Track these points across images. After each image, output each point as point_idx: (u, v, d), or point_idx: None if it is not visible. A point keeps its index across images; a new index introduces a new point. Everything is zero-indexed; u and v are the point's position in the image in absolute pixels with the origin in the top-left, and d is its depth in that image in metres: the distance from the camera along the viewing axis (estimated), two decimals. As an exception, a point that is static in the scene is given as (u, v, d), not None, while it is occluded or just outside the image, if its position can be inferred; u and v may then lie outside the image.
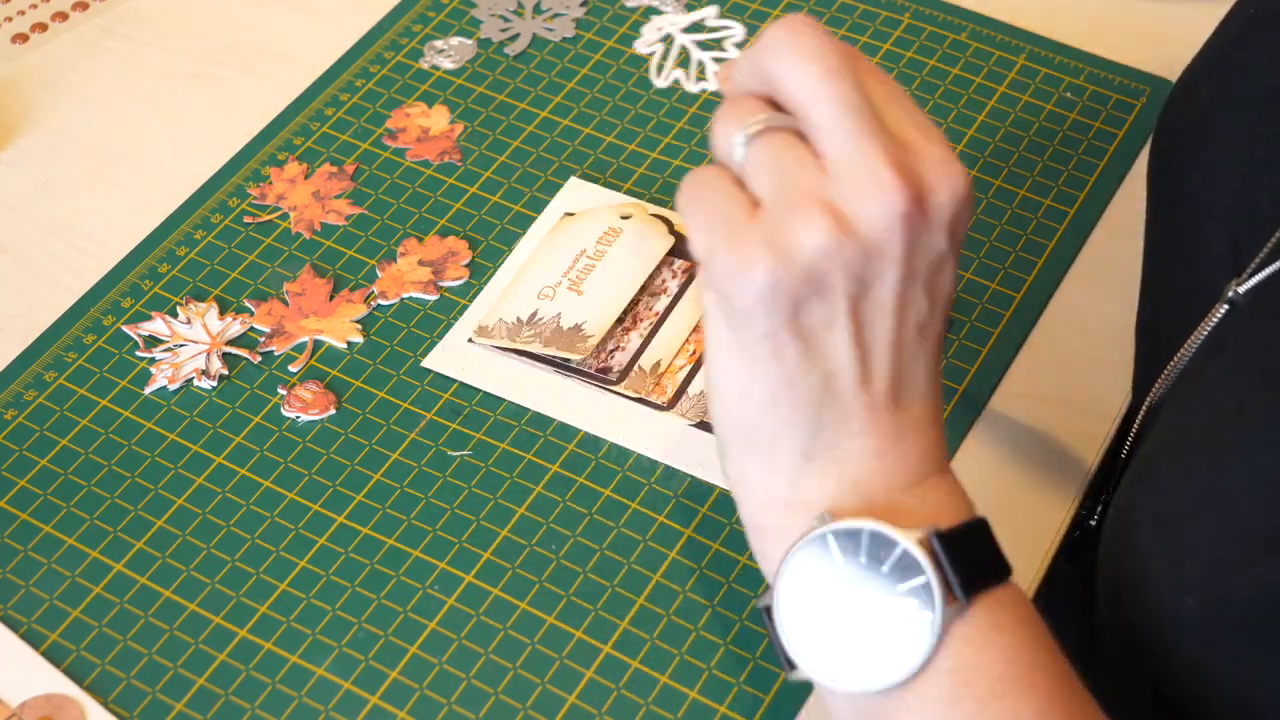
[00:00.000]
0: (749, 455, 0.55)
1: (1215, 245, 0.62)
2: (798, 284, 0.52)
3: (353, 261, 0.79)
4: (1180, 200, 0.65)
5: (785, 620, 0.53)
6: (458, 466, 0.71)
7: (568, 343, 0.73)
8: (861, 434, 0.54)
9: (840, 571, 0.53)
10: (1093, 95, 0.84)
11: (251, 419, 0.73)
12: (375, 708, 0.64)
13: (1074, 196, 0.80)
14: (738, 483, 0.56)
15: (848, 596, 0.53)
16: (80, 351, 0.75)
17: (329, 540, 0.69)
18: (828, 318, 0.53)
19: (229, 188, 0.82)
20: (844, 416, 0.54)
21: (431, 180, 0.82)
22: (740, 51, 0.55)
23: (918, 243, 0.52)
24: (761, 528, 0.56)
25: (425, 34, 0.89)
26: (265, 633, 0.66)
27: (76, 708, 0.64)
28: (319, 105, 0.85)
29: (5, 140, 0.85)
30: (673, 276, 0.76)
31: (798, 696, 0.63)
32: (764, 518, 0.56)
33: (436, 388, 0.74)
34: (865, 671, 0.52)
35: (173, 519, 0.69)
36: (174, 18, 0.91)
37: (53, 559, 0.68)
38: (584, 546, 0.68)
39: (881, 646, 0.52)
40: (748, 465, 0.56)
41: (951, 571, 0.52)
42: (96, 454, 0.72)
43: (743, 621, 0.65)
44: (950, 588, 0.52)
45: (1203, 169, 0.64)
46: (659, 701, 0.63)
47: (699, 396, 0.72)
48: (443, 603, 0.66)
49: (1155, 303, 0.69)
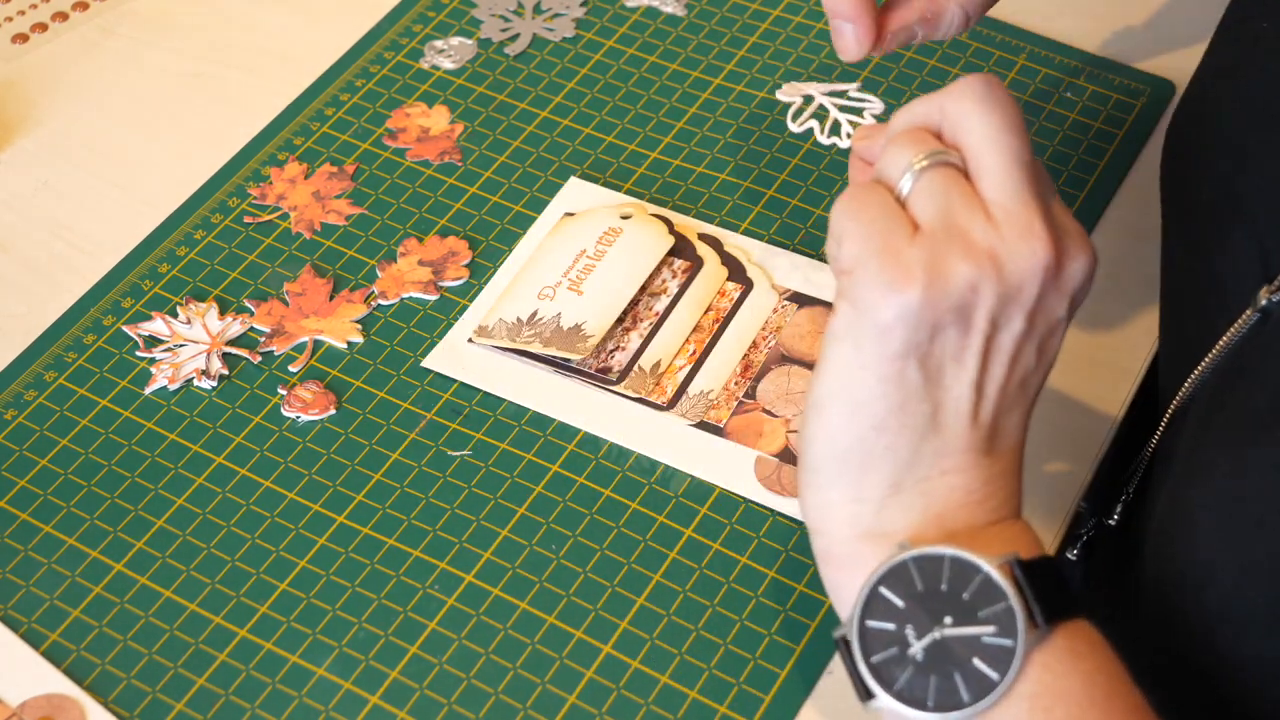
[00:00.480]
0: (836, 481, 0.56)
1: (1241, 252, 0.62)
2: (944, 311, 0.54)
3: (353, 261, 0.79)
4: (1199, 209, 0.65)
5: (863, 650, 0.54)
6: (458, 466, 0.71)
7: (568, 343, 0.73)
8: (954, 471, 0.56)
9: (921, 599, 0.54)
10: (1093, 95, 0.84)
11: (251, 419, 0.73)
12: (375, 708, 0.64)
13: (1074, 196, 0.80)
14: (818, 510, 0.57)
15: (928, 624, 0.54)
16: (80, 351, 0.75)
17: (329, 540, 0.69)
18: (958, 351, 0.55)
19: (229, 188, 0.82)
20: (942, 452, 0.56)
21: (431, 180, 0.82)
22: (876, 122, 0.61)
23: (1046, 300, 0.56)
24: (839, 558, 0.57)
25: (425, 34, 0.89)
26: (265, 633, 0.66)
27: (76, 708, 0.64)
28: (319, 105, 0.85)
29: (5, 140, 0.85)
30: (673, 276, 0.76)
31: (798, 696, 0.63)
32: (842, 548, 0.57)
33: (436, 388, 0.74)
34: (945, 700, 0.53)
35: (173, 519, 0.69)
36: (174, 18, 0.91)
37: (53, 559, 0.68)
38: (584, 546, 0.68)
39: (962, 674, 0.53)
40: (832, 492, 0.57)
41: (1033, 598, 0.53)
42: (96, 454, 0.72)
43: (743, 621, 0.65)
44: (1032, 614, 0.53)
45: (1220, 179, 0.64)
46: (659, 701, 0.63)
47: (699, 396, 0.72)
48: (443, 603, 0.66)
49: (1177, 309, 0.69)
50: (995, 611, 0.53)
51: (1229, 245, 0.63)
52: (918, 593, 0.54)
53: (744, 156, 0.82)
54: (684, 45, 0.88)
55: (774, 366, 0.73)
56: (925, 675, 0.54)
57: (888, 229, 0.55)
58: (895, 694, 0.54)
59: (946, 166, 0.56)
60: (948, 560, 0.54)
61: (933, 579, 0.54)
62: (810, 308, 0.75)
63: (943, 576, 0.54)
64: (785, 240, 0.78)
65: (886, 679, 0.54)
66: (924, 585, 0.54)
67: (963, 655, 0.53)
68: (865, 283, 0.55)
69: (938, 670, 0.53)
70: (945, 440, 0.56)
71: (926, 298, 0.54)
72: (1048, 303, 0.56)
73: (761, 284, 0.76)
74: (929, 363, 0.55)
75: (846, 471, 0.56)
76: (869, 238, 0.55)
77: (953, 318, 0.55)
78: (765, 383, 0.72)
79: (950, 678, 0.53)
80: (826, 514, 0.57)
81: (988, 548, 0.55)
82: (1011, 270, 0.55)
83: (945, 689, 0.53)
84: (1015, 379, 0.57)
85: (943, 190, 0.56)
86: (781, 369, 0.73)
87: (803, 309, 0.75)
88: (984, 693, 0.53)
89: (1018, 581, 0.54)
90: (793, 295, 0.75)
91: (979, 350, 0.56)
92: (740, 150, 0.83)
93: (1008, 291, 0.55)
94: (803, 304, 0.75)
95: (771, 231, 0.79)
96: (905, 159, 0.56)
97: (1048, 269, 0.55)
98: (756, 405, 0.72)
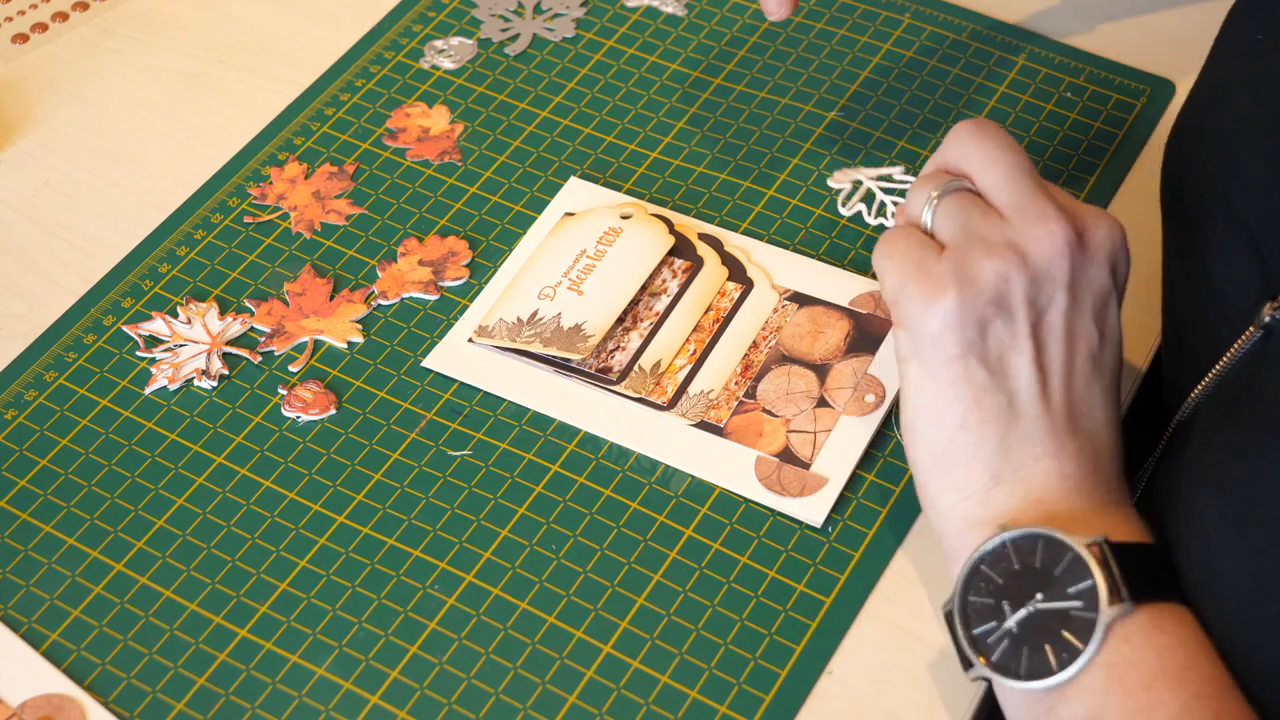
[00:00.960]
0: (943, 486, 0.62)
1: (1240, 265, 0.62)
2: (983, 305, 0.60)
3: (353, 261, 0.79)
4: (1197, 221, 0.65)
5: (964, 623, 0.59)
6: (458, 466, 0.71)
7: (568, 343, 0.73)
8: (1047, 455, 0.61)
9: (1017, 577, 0.58)
10: (1093, 95, 0.84)
11: (252, 419, 0.73)
12: (375, 708, 0.64)
13: (1074, 197, 0.80)
14: (937, 516, 0.63)
15: (1023, 599, 0.58)
16: (80, 351, 0.75)
17: (329, 540, 0.69)
18: (1010, 339, 0.61)
19: (229, 188, 0.82)
20: (1028, 437, 0.61)
21: (432, 180, 0.82)
22: None
23: (1082, 272, 0.61)
24: (956, 551, 0.62)
25: (425, 34, 0.89)
26: (265, 633, 0.66)
27: (76, 708, 0.64)
28: (319, 105, 0.85)
29: (5, 140, 0.85)
30: (673, 276, 0.76)
31: (798, 696, 0.63)
32: (958, 541, 0.62)
33: (436, 388, 0.74)
34: (1037, 669, 0.57)
35: (173, 519, 0.69)
36: (174, 18, 0.91)
37: (53, 559, 0.68)
38: (584, 546, 0.68)
39: (1052, 645, 0.57)
40: (943, 497, 0.62)
41: (1119, 575, 0.57)
42: (96, 454, 0.72)
43: (743, 621, 0.65)
44: (1116, 590, 0.57)
45: (1217, 191, 0.64)
46: (659, 701, 0.63)
47: (699, 396, 0.72)
48: (443, 603, 0.66)
49: (1179, 320, 0.69)
50: (1082, 588, 0.57)
51: (1228, 258, 0.63)
52: (1014, 571, 0.59)
53: (744, 156, 0.82)
54: (684, 45, 0.88)
55: (774, 366, 0.73)
56: (1019, 647, 0.58)
57: (918, 256, 0.62)
58: (992, 664, 0.58)
59: (958, 191, 0.63)
60: (1041, 540, 0.58)
61: (1028, 557, 0.58)
62: (810, 307, 0.75)
63: (1037, 555, 0.58)
64: (785, 240, 0.78)
65: (984, 650, 0.59)
66: (1020, 564, 0.59)
67: (1053, 628, 0.57)
68: (908, 304, 0.61)
69: (1030, 642, 0.57)
70: (1027, 426, 0.61)
71: (962, 299, 0.60)
72: (1085, 274, 0.61)
73: (762, 284, 0.76)
74: (989, 357, 0.61)
75: (949, 474, 0.61)
76: (903, 267, 0.62)
77: (994, 310, 0.60)
78: (765, 383, 0.72)
79: (1040, 649, 0.57)
80: (944, 517, 0.62)
81: (1084, 529, 0.59)
82: (1035, 253, 0.61)
83: (1036, 659, 0.57)
84: (1080, 354, 0.62)
85: (958, 208, 0.62)
86: (782, 369, 0.73)
87: (803, 309, 0.75)
88: (1069, 662, 0.56)
89: (1103, 560, 0.57)
90: (793, 295, 0.75)
91: (1029, 334, 0.61)
92: (740, 150, 0.83)
93: (1037, 274, 0.61)
94: (803, 304, 0.75)
95: (771, 231, 0.79)
96: (923, 196, 0.63)
97: (1069, 243, 0.61)
98: (757, 405, 0.72)
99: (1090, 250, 0.62)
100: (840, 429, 0.70)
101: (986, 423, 0.61)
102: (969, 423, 0.61)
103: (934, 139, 0.82)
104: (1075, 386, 0.62)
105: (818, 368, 0.73)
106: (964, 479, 0.61)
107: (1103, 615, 0.56)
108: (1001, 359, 0.61)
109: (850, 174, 0.80)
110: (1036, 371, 0.61)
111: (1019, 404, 0.61)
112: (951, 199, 0.63)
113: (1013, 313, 0.61)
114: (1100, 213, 0.63)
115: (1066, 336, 0.61)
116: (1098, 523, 0.60)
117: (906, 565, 0.67)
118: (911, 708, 0.63)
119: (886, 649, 0.65)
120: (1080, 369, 0.62)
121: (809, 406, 0.71)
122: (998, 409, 0.61)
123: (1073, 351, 0.62)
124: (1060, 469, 0.61)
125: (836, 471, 0.69)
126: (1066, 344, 0.61)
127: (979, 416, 0.61)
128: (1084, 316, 0.62)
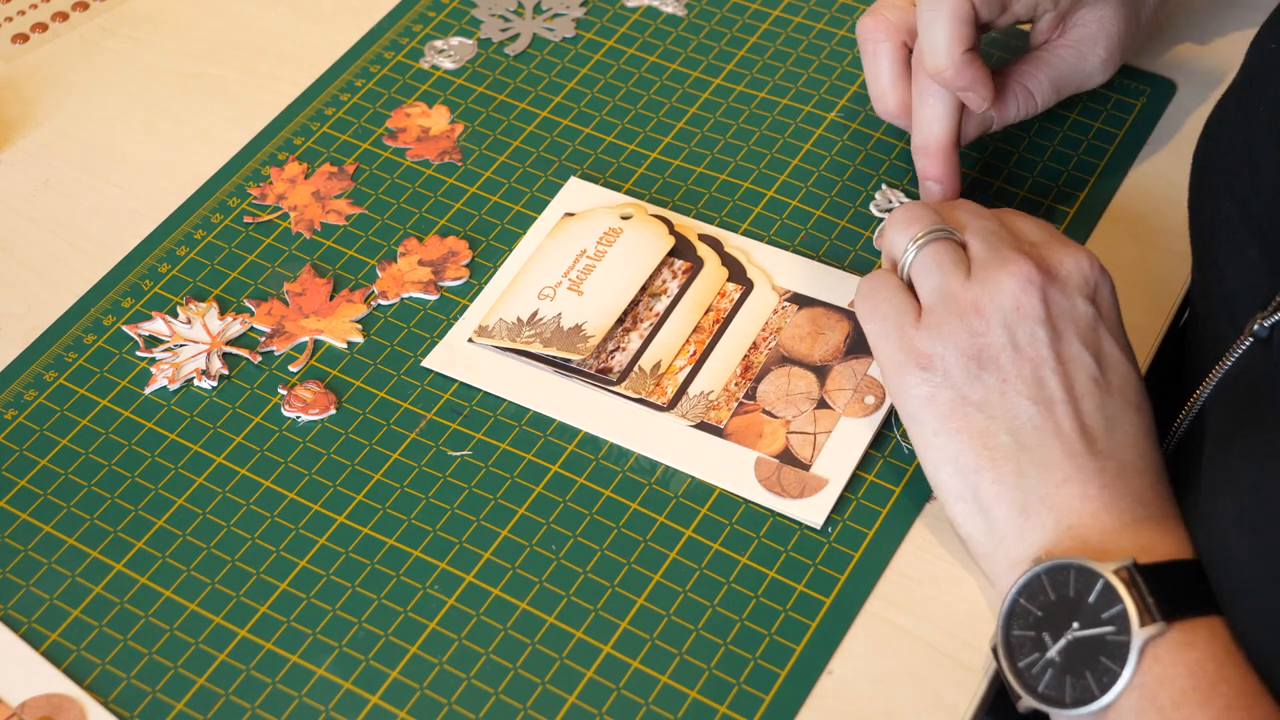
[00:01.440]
0: (981, 531, 0.63)
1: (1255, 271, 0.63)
2: (966, 364, 0.63)
3: (353, 261, 0.79)
4: (1217, 226, 0.66)
5: (1009, 657, 0.60)
6: (458, 467, 0.71)
7: (568, 343, 0.73)
8: (1068, 481, 0.61)
9: (1054, 607, 0.59)
10: (1093, 95, 0.84)
11: (252, 419, 0.73)
12: (375, 708, 0.64)
13: (1074, 197, 0.80)
14: (986, 563, 0.64)
15: (1062, 628, 0.59)
16: (80, 351, 0.75)
17: (329, 540, 0.69)
18: (1001, 384, 0.63)
19: (229, 188, 0.82)
20: (1045, 466, 0.62)
21: (431, 180, 0.82)
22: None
23: (1056, 305, 0.64)
24: (1002, 590, 0.62)
25: (425, 34, 0.89)
26: (265, 633, 0.66)
27: (76, 708, 0.64)
28: (319, 105, 0.85)
29: (5, 140, 0.85)
30: (673, 277, 0.76)
31: (798, 697, 0.63)
32: (1004, 582, 0.62)
33: (436, 388, 0.74)
34: (1081, 696, 0.58)
35: (173, 519, 0.69)
36: (174, 18, 0.91)
37: (53, 559, 0.68)
38: (584, 547, 0.68)
39: (1093, 671, 0.58)
40: (986, 544, 0.63)
41: (1148, 598, 0.58)
42: (96, 454, 0.72)
43: (743, 621, 0.65)
44: (1147, 612, 0.58)
45: (1236, 197, 0.65)
46: (659, 701, 0.63)
47: (699, 397, 0.72)
48: (443, 603, 0.66)
49: (1195, 319, 0.70)
50: (1113, 613, 0.58)
51: (1241, 261, 0.63)
52: (1051, 602, 0.60)
53: (744, 157, 0.82)
54: (684, 45, 0.88)
55: (774, 367, 0.73)
56: (1062, 676, 0.59)
57: (897, 322, 0.65)
58: (1039, 696, 0.59)
59: (936, 242, 0.66)
60: (1073, 570, 0.59)
61: (1062, 587, 0.59)
62: (810, 309, 0.75)
63: (1070, 585, 0.59)
64: (785, 241, 0.78)
65: (1030, 683, 0.59)
66: (1055, 594, 0.60)
67: (1092, 654, 0.58)
68: (896, 374, 0.65)
69: (1072, 670, 0.59)
70: (1041, 455, 0.62)
71: (942, 368, 0.64)
72: (1060, 306, 0.64)
73: (762, 285, 0.76)
74: (985, 404, 0.63)
75: (981, 518, 0.63)
76: (885, 334, 0.66)
77: (979, 366, 0.63)
78: (765, 384, 0.72)
79: (1083, 676, 0.58)
80: (992, 561, 0.63)
81: (1116, 554, 0.60)
82: (1000, 301, 0.63)
83: (1079, 686, 0.58)
84: (1079, 380, 0.63)
85: (935, 265, 0.66)
86: (782, 370, 0.73)
87: (803, 310, 0.75)
88: (1109, 686, 0.57)
89: (1132, 584, 0.58)
90: (793, 296, 0.75)
91: (1018, 375, 0.63)
92: (740, 150, 0.83)
93: (1009, 318, 0.63)
94: (803, 305, 0.75)
95: (771, 232, 0.79)
96: (906, 236, 0.67)
97: (1033, 281, 0.64)
98: (756, 406, 0.72)
99: (1062, 281, 0.64)
100: (840, 430, 0.70)
101: (998, 460, 0.62)
102: (981, 465, 0.63)
103: (934, 139, 0.82)
104: (1085, 411, 0.63)
105: (818, 369, 0.73)
106: (994, 520, 0.63)
107: (1135, 638, 0.57)
108: (997, 402, 0.63)
109: (890, 195, 0.80)
110: (1037, 405, 0.62)
111: (1025, 438, 0.62)
112: (928, 252, 0.66)
113: (997, 361, 0.63)
114: (1068, 246, 0.66)
115: (1059, 366, 0.63)
116: (1130, 540, 0.60)
117: (906, 566, 0.67)
118: (911, 708, 0.63)
119: (886, 649, 0.65)
120: (1085, 393, 0.63)
121: (809, 408, 0.71)
122: (1006, 446, 0.62)
123: (1070, 379, 0.63)
124: (1084, 492, 0.61)
125: (836, 473, 0.69)
126: (1061, 374, 0.63)
127: (989, 458, 0.62)
128: (1071, 344, 0.63)
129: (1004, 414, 0.63)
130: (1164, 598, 0.58)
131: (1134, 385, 0.64)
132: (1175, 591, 0.58)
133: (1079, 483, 0.61)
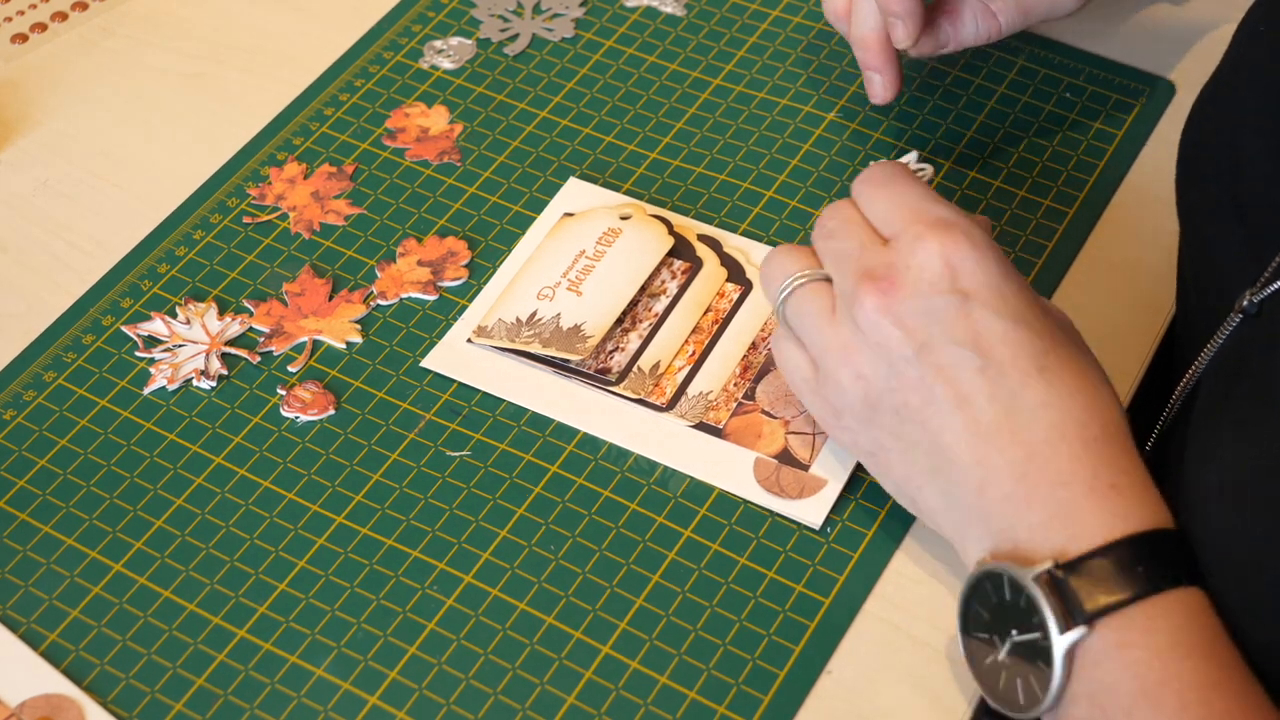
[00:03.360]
0: (952, 534, 0.63)
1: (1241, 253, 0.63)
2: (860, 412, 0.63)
3: (352, 261, 0.79)
4: (1204, 210, 0.66)
5: (971, 659, 0.61)
6: (457, 467, 0.71)
7: (567, 343, 0.73)
8: (985, 486, 0.60)
9: (999, 610, 0.59)
10: (1093, 95, 0.84)
11: (250, 419, 0.73)
12: (375, 708, 0.64)
13: (1074, 197, 0.80)
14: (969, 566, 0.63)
15: (1005, 633, 0.59)
16: (80, 351, 0.75)
17: (328, 540, 0.69)
18: (894, 418, 0.62)
19: (228, 188, 0.82)
20: (959, 480, 0.61)
21: (431, 180, 0.82)
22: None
23: (910, 318, 0.61)
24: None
25: (425, 34, 0.89)
26: (265, 633, 0.66)
27: (76, 708, 0.64)
28: (319, 105, 0.85)
29: (5, 140, 0.85)
30: (672, 277, 0.76)
31: (797, 697, 0.63)
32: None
33: (436, 388, 0.74)
34: (1030, 701, 0.58)
35: (172, 519, 0.69)
36: (174, 18, 0.91)
37: (53, 559, 0.68)
38: (583, 547, 0.68)
39: (1035, 677, 0.58)
40: (956, 543, 0.63)
41: (1069, 601, 0.57)
42: (96, 454, 0.72)
43: (742, 622, 0.65)
44: (1068, 616, 0.56)
45: (1222, 181, 0.64)
46: (659, 701, 0.63)
47: (698, 397, 0.72)
48: (442, 603, 0.66)
49: (1186, 306, 0.70)
50: (1038, 619, 0.57)
51: (1229, 239, 0.63)
52: (994, 605, 0.59)
53: (744, 157, 0.82)
54: (684, 45, 0.88)
55: (773, 368, 0.73)
56: (1014, 679, 0.59)
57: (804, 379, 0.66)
58: (997, 698, 0.59)
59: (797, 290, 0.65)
60: (1004, 576, 0.59)
61: (999, 593, 0.59)
62: (809, 308, 0.75)
63: (1005, 589, 0.59)
64: (785, 242, 0.78)
65: (992, 681, 0.60)
66: (996, 598, 0.59)
67: (1031, 659, 0.58)
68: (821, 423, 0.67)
69: (1020, 674, 0.58)
70: (954, 471, 0.61)
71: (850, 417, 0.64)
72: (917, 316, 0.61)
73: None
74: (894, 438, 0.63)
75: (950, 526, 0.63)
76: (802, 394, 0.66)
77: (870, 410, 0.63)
78: (764, 384, 0.72)
79: (1028, 679, 0.58)
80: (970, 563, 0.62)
81: (1044, 550, 0.58)
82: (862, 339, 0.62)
83: (1027, 690, 0.58)
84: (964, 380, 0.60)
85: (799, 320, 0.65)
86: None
87: (802, 309, 0.75)
88: (1045, 690, 0.57)
89: (1051, 586, 0.57)
90: (792, 296, 0.75)
91: (908, 402, 0.61)
92: (739, 150, 0.82)
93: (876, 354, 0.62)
94: (802, 304, 0.75)
95: (771, 232, 0.79)
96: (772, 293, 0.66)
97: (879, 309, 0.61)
98: (755, 406, 0.72)
99: (910, 290, 0.61)
100: (839, 429, 0.70)
101: (924, 485, 0.62)
102: (915, 490, 0.63)
103: (933, 139, 0.82)
104: (978, 409, 0.60)
105: (817, 368, 0.73)
106: (948, 533, 0.63)
107: (1056, 644, 0.56)
108: (903, 434, 0.62)
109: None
110: (931, 425, 0.61)
111: (934, 459, 0.61)
112: (791, 307, 0.65)
113: (884, 400, 0.62)
114: (914, 240, 0.62)
115: (939, 377, 0.61)
116: (1058, 531, 0.58)
117: (905, 566, 0.67)
118: (911, 708, 0.63)
119: (886, 649, 0.65)
120: (972, 391, 0.60)
121: (808, 407, 0.71)
122: (926, 471, 0.62)
123: (954, 384, 0.60)
124: (1002, 493, 0.60)
125: (835, 473, 0.69)
126: (944, 384, 0.60)
127: (917, 483, 0.63)
128: (941, 349, 0.60)
129: (910, 443, 0.62)
130: (1091, 592, 0.56)
131: (1027, 347, 0.60)
132: (1104, 581, 0.57)
133: (994, 484, 0.60)
